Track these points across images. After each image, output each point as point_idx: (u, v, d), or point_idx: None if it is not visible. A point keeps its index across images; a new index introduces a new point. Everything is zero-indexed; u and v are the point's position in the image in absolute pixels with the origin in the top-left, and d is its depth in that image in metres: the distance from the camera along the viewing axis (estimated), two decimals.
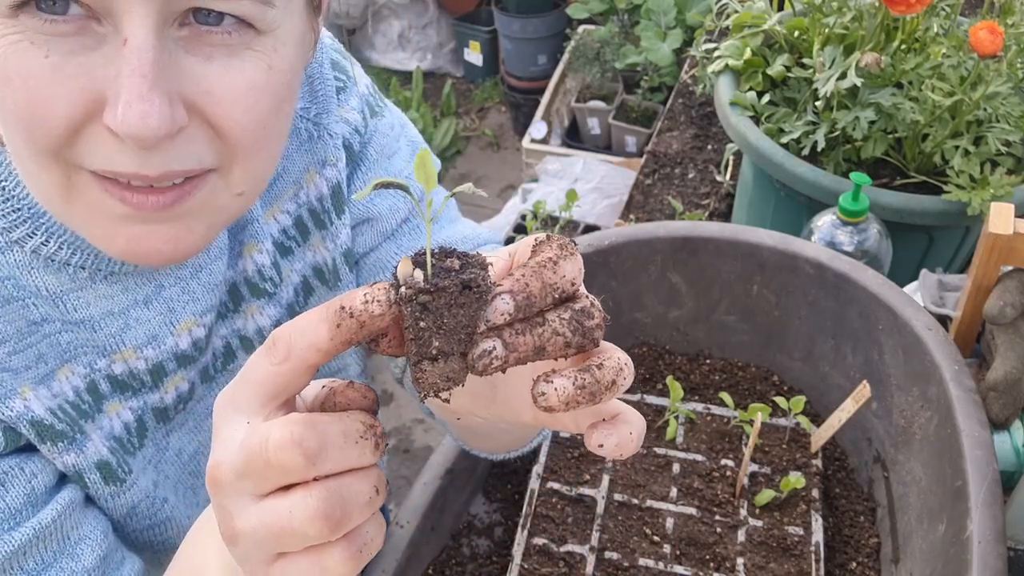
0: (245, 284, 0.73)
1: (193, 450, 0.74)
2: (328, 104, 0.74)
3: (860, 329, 0.99)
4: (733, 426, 1.02)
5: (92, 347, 0.64)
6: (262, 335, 0.75)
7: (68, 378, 0.63)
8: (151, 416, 0.69)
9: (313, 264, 0.77)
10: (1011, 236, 0.90)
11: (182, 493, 0.74)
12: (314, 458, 0.40)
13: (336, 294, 0.75)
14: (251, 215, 0.72)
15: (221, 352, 0.74)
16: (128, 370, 0.66)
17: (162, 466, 0.72)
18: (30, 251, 0.60)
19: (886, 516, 0.93)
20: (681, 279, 1.07)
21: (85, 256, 0.62)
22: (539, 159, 2.95)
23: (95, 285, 0.63)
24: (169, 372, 0.69)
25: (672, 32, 2.81)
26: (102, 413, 0.66)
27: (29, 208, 0.59)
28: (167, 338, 0.67)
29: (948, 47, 1.21)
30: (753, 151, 1.27)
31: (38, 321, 0.61)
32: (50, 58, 0.47)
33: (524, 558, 0.88)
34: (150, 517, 0.69)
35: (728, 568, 0.88)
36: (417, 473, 0.92)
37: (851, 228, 1.15)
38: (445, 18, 3.98)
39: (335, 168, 0.75)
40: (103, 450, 0.65)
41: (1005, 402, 0.92)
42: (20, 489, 0.60)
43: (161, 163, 0.51)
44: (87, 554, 0.63)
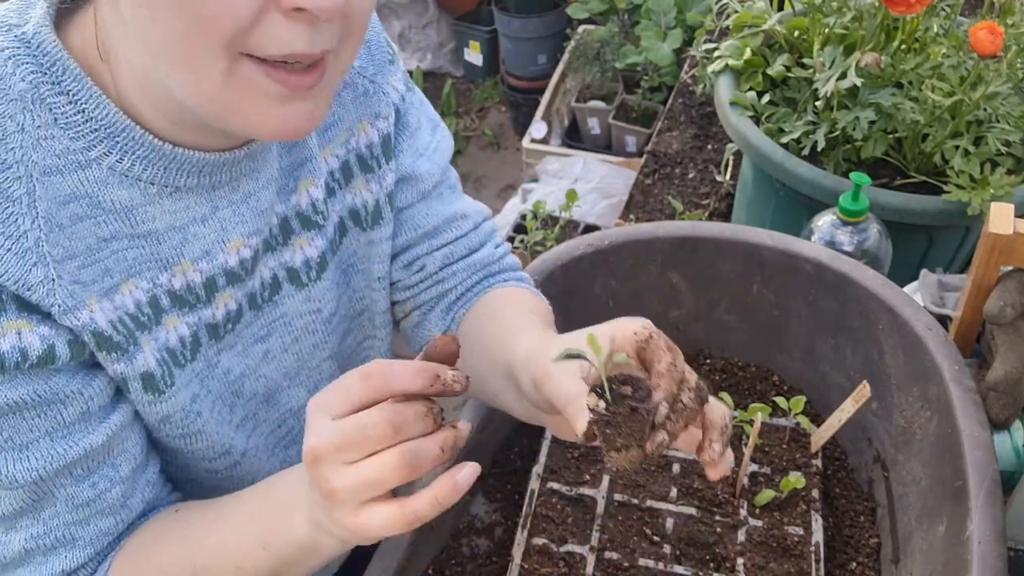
0: (297, 217, 0.80)
1: (239, 372, 0.81)
2: (383, 68, 0.85)
3: (860, 329, 0.99)
4: (733, 426, 1.02)
5: (155, 261, 0.71)
6: (308, 266, 0.82)
7: (131, 292, 0.70)
8: (204, 332, 0.76)
9: (351, 206, 0.85)
10: (1011, 236, 0.90)
11: (218, 409, 0.79)
12: (399, 429, 0.58)
13: (370, 235, 0.86)
14: (310, 152, 0.80)
15: (269, 283, 0.80)
16: (186, 284, 0.73)
17: (208, 381, 0.78)
18: (107, 168, 0.66)
19: (886, 516, 0.93)
20: (681, 279, 1.07)
21: (156, 171, 0.68)
22: (539, 159, 2.95)
23: (162, 201, 0.70)
24: (220, 288, 0.76)
25: (672, 32, 2.81)
26: (160, 326, 0.72)
27: (107, 128, 0.65)
28: (219, 254, 0.74)
29: (948, 47, 1.21)
30: (753, 151, 1.27)
31: (107, 237, 0.67)
32: None
33: (524, 558, 0.88)
34: (182, 427, 0.76)
35: (728, 568, 0.88)
36: None
37: (851, 228, 1.15)
38: (445, 18, 3.98)
39: (387, 121, 0.85)
40: (151, 362, 0.71)
41: (1005, 402, 0.92)
42: (77, 408, 0.67)
43: (320, 42, 0.60)
44: (124, 465, 0.72)
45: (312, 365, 0.87)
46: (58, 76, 0.64)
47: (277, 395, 0.86)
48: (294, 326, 0.84)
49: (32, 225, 0.63)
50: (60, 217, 0.65)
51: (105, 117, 0.65)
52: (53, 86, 0.64)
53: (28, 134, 0.63)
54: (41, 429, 0.66)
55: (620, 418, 0.59)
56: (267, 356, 0.83)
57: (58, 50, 0.64)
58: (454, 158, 4.19)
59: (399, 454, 0.57)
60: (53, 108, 0.64)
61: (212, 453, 0.80)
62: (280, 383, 0.86)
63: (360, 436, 0.57)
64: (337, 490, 0.58)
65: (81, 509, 0.70)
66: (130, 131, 0.66)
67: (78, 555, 0.71)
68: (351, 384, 0.59)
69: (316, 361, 0.88)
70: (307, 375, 0.88)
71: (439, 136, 0.92)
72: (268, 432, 0.87)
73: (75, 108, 0.64)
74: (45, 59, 0.64)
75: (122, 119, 0.65)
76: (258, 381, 0.83)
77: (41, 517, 0.68)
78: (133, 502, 0.74)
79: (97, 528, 0.71)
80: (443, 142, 0.93)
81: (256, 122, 0.63)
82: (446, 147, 0.93)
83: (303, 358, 0.86)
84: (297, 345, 0.85)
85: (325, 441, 0.58)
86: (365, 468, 0.58)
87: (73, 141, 0.65)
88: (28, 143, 0.63)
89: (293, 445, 0.91)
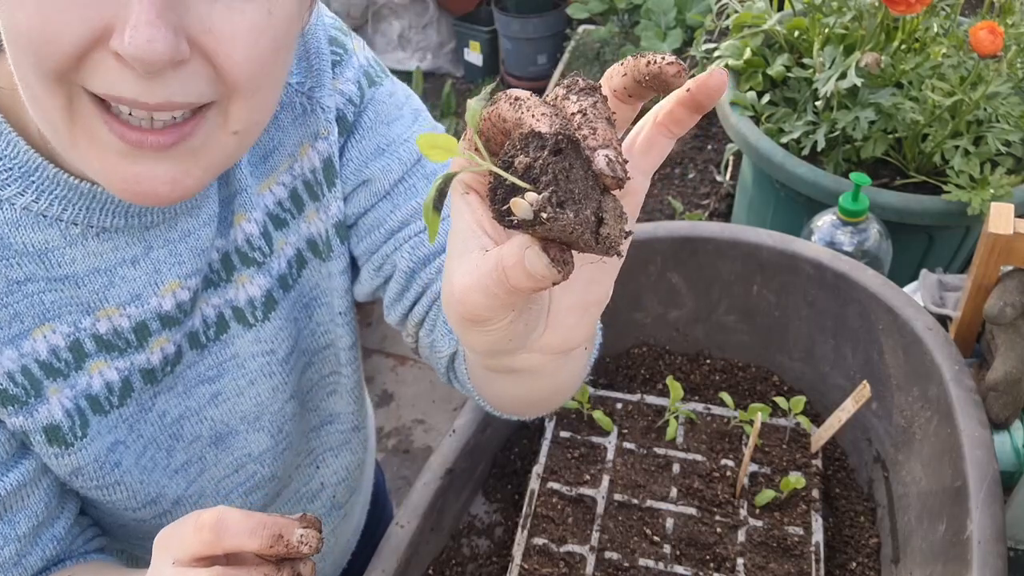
0: (236, 253, 0.75)
1: (178, 414, 0.76)
2: (322, 78, 0.76)
3: (860, 329, 0.99)
4: (733, 426, 1.02)
5: (76, 304, 0.66)
6: (253, 305, 0.76)
7: (46, 336, 0.65)
8: (138, 377, 0.71)
9: (307, 236, 0.79)
10: (1011, 236, 0.90)
11: (151, 455, 0.75)
12: None
13: (328, 267, 0.79)
14: (242, 184, 0.73)
15: (214, 321, 0.75)
16: (112, 328, 0.68)
17: (139, 426, 0.73)
18: (20, 208, 0.62)
19: (886, 516, 0.93)
20: (681, 279, 1.07)
21: (77, 211, 0.63)
22: None
23: (86, 242, 0.65)
24: (153, 332, 0.70)
25: (672, 32, 2.81)
26: (82, 371, 0.68)
27: (20, 167, 0.61)
28: (151, 298, 0.69)
29: (948, 47, 1.21)
30: (753, 151, 1.27)
31: (20, 280, 0.63)
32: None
33: (524, 558, 0.88)
34: (97, 479, 0.72)
35: (728, 568, 0.88)
36: (417, 473, 0.92)
37: (851, 228, 1.15)
38: (445, 18, 3.98)
39: (327, 141, 0.77)
40: (57, 413, 0.67)
41: (1005, 402, 0.92)
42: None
43: (162, 93, 0.53)
44: (23, 523, 0.68)
45: (274, 409, 0.82)
46: None
47: (229, 439, 0.81)
48: (248, 368, 0.78)
49: None
50: None
51: (17, 156, 0.61)
52: None
53: None
54: None
55: (552, 170, 0.39)
56: (217, 398, 0.78)
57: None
58: None
59: None
60: None
61: (135, 503, 0.76)
62: (236, 426, 0.81)
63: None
64: None
65: None
66: (43, 170, 0.61)
67: None
68: (185, 531, 0.56)
69: (278, 404, 0.82)
70: (269, 419, 0.82)
71: (418, 126, 0.82)
72: (220, 477, 0.82)
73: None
74: None
75: (35, 157, 0.61)
76: (202, 424, 0.78)
77: None
78: (31, 560, 0.70)
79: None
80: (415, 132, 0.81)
81: (103, 177, 0.57)
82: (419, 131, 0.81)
83: (262, 402, 0.81)
84: (254, 388, 0.80)
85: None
86: None
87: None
88: None
89: (256, 490, 0.86)
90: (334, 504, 0.97)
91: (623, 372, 1.10)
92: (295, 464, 0.90)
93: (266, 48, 0.55)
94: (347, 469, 0.96)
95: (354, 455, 0.96)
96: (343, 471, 0.95)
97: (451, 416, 2.75)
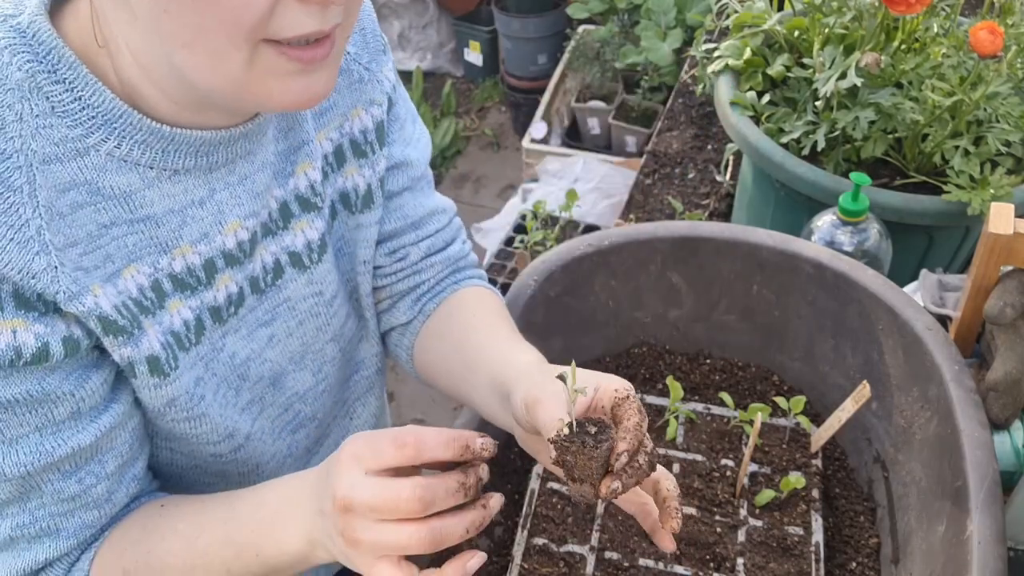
0: (296, 201, 0.82)
1: (245, 356, 0.83)
2: (377, 56, 0.87)
3: (860, 329, 0.99)
4: (733, 426, 1.02)
5: (155, 245, 0.72)
6: (310, 248, 0.84)
7: (133, 276, 0.71)
8: (208, 315, 0.78)
9: (342, 190, 0.87)
10: (1011, 236, 0.90)
11: (223, 392, 0.81)
12: (428, 507, 0.62)
13: (358, 219, 0.89)
14: (307, 135, 0.82)
15: (271, 267, 0.82)
16: (186, 266, 0.75)
17: (213, 365, 0.80)
18: (105, 154, 0.67)
19: (886, 516, 0.93)
20: (681, 279, 1.07)
21: (154, 154, 0.69)
22: (539, 159, 2.95)
23: (161, 184, 0.71)
24: (219, 269, 0.77)
25: (672, 32, 2.81)
26: (163, 310, 0.74)
27: (104, 115, 0.66)
28: (216, 236, 0.76)
29: (948, 47, 1.21)
30: (753, 151, 1.27)
31: (107, 224, 0.69)
32: None
33: (524, 558, 0.88)
34: (187, 410, 0.77)
35: (728, 568, 0.88)
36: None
37: (851, 228, 1.15)
38: (445, 18, 3.98)
39: (381, 108, 0.88)
40: (156, 345, 0.73)
41: (1005, 402, 0.92)
42: (68, 408, 0.69)
43: (330, 19, 0.62)
44: (111, 462, 0.74)
45: (316, 348, 0.90)
46: (54, 65, 0.64)
47: (283, 379, 0.88)
48: (298, 310, 0.86)
49: (33, 214, 0.63)
50: (60, 205, 0.65)
51: (102, 104, 0.66)
52: (49, 75, 0.64)
53: (26, 123, 0.64)
54: (31, 425, 0.67)
55: (578, 449, 0.63)
56: (272, 340, 0.85)
57: (53, 39, 0.64)
58: (454, 158, 4.17)
59: (427, 531, 0.63)
60: (50, 96, 0.64)
61: (216, 436, 0.81)
62: (285, 367, 0.87)
63: (391, 504, 0.62)
64: (362, 542, 0.63)
65: (67, 503, 0.72)
66: (127, 116, 0.67)
67: (61, 545, 0.73)
68: (384, 447, 0.63)
69: (320, 344, 0.90)
70: (311, 359, 0.90)
71: (419, 129, 0.96)
72: (275, 416, 0.89)
73: (72, 96, 0.65)
74: (41, 48, 0.64)
75: (119, 105, 0.66)
76: (264, 365, 0.85)
77: (28, 507, 0.71)
78: (118, 496, 0.76)
79: (81, 520, 0.74)
80: (423, 135, 0.96)
81: (278, 96, 0.65)
82: (426, 140, 0.96)
83: (307, 342, 0.88)
84: (301, 329, 0.87)
85: (359, 497, 0.62)
86: (392, 532, 0.63)
87: (71, 129, 0.65)
88: (27, 132, 0.64)
89: (300, 429, 0.93)
90: None
91: (623, 372, 1.10)
92: (332, 414, 0.97)
93: None
94: (375, 416, 1.06)
95: (378, 400, 1.06)
96: (372, 418, 1.06)
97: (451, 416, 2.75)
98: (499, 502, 0.67)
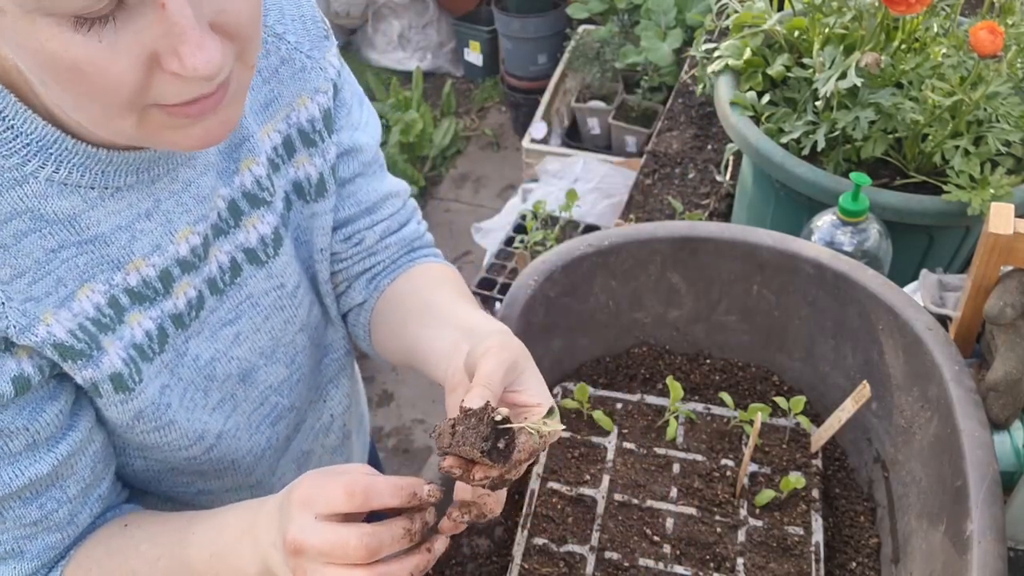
0: (244, 198, 0.82)
1: (210, 357, 0.83)
2: (319, 43, 0.86)
3: (860, 329, 0.99)
4: (733, 426, 1.02)
5: (107, 262, 0.72)
6: (264, 243, 0.84)
7: (88, 296, 0.71)
8: (170, 323, 0.78)
9: (294, 180, 0.87)
10: (1011, 236, 0.90)
11: (191, 396, 0.82)
12: (374, 554, 0.63)
13: (312, 207, 0.89)
14: (249, 131, 0.81)
15: (228, 267, 0.83)
16: (141, 279, 0.74)
17: (178, 370, 0.80)
18: (44, 180, 0.66)
19: (886, 516, 0.93)
20: (681, 279, 1.07)
21: (94, 176, 0.69)
22: (539, 159, 2.95)
23: (104, 203, 0.70)
24: (175, 278, 0.77)
25: (672, 32, 2.81)
26: (123, 324, 0.74)
27: (38, 141, 0.65)
28: (168, 246, 0.76)
29: (948, 47, 1.21)
30: (753, 151, 1.27)
31: (55, 248, 0.68)
32: (104, 41, 0.55)
33: (524, 558, 0.88)
34: (154, 420, 0.78)
35: (728, 568, 0.88)
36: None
37: (851, 228, 1.15)
38: (445, 18, 3.98)
39: (326, 95, 0.87)
40: (117, 362, 0.73)
41: (1005, 402, 0.92)
42: (22, 441, 0.69)
43: (216, 80, 0.60)
44: (72, 487, 0.75)
45: (286, 340, 0.91)
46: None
47: (253, 374, 0.88)
48: (262, 305, 0.86)
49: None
50: (3, 237, 0.65)
51: (35, 131, 0.65)
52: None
53: None
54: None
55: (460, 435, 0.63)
56: (238, 338, 0.85)
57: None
58: (454, 158, 4.16)
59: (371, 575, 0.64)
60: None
61: (186, 441, 0.82)
62: (255, 362, 0.88)
63: (340, 551, 0.63)
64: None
65: (29, 527, 0.73)
66: (62, 142, 0.66)
67: (25, 567, 0.75)
68: (335, 494, 0.64)
69: (289, 336, 0.91)
70: (283, 351, 0.91)
71: (367, 111, 0.95)
72: (250, 411, 0.90)
73: (4, 125, 0.64)
74: None
75: (51, 131, 0.65)
76: (231, 363, 0.85)
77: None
78: (81, 518, 0.77)
79: (44, 543, 0.75)
80: (372, 117, 0.96)
81: (180, 142, 0.64)
82: (375, 123, 0.96)
83: (276, 335, 0.89)
84: (268, 323, 0.88)
85: (309, 541, 0.64)
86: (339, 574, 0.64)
87: (6, 158, 0.64)
88: None
89: (280, 420, 0.94)
90: (344, 433, 1.09)
91: (623, 372, 1.10)
92: (308, 399, 0.98)
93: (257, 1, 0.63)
94: (348, 396, 1.07)
95: (350, 380, 1.08)
96: (345, 399, 1.07)
97: None
98: (443, 545, 0.68)
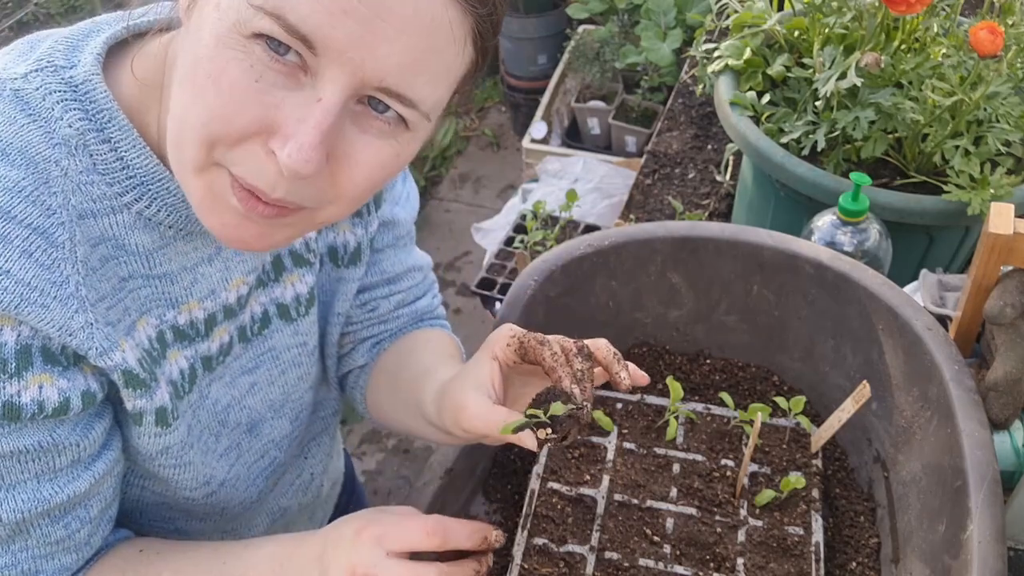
0: (289, 255, 0.85)
1: (226, 403, 0.84)
2: None
3: (860, 329, 0.99)
4: (733, 426, 1.02)
5: (165, 299, 0.74)
6: (298, 301, 0.87)
7: (143, 328, 0.73)
8: (200, 364, 0.79)
9: (331, 244, 0.89)
10: (1011, 236, 0.90)
11: (205, 439, 0.83)
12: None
13: (342, 273, 0.91)
14: None
15: (259, 317, 0.85)
16: (190, 320, 0.76)
17: (199, 412, 0.81)
18: (135, 213, 0.69)
19: (886, 516, 0.93)
20: (681, 279, 1.07)
21: (176, 216, 0.71)
22: (539, 159, 2.95)
23: (176, 243, 0.73)
24: (218, 323, 0.79)
25: (672, 32, 2.81)
26: (165, 360, 0.75)
27: (142, 176, 0.68)
28: (222, 292, 0.78)
29: (948, 47, 1.21)
30: (753, 151, 1.27)
31: (126, 277, 0.70)
32: (259, 83, 0.58)
33: (524, 558, 0.88)
34: (177, 458, 0.79)
35: (728, 568, 0.88)
36: (417, 473, 0.93)
37: (851, 228, 1.15)
38: None
39: None
40: (165, 396, 0.74)
41: (1005, 402, 0.92)
42: (70, 456, 0.69)
43: (283, 192, 0.62)
44: (95, 507, 0.75)
45: (295, 397, 0.92)
46: (103, 124, 0.66)
47: (260, 426, 0.89)
48: (282, 359, 0.88)
49: (72, 270, 0.64)
50: (92, 260, 0.67)
51: (143, 166, 0.68)
52: (98, 134, 0.66)
53: (70, 179, 0.65)
54: (31, 472, 0.68)
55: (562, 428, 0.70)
56: (253, 388, 0.86)
57: (107, 100, 0.66)
58: (454, 158, 4.16)
59: None
60: (94, 155, 0.66)
61: (195, 483, 0.83)
62: (264, 414, 0.89)
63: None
64: None
65: (51, 546, 0.73)
66: (165, 182, 0.69)
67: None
68: (413, 533, 0.68)
69: (300, 392, 0.92)
70: (291, 407, 0.92)
71: (408, 186, 0.97)
72: (251, 462, 0.90)
73: (115, 155, 0.67)
74: (92, 107, 0.66)
75: (160, 170, 0.68)
76: (242, 411, 0.86)
77: (11, 549, 0.71)
78: (95, 540, 0.77)
79: (60, 563, 0.74)
80: (412, 192, 0.97)
81: (208, 219, 0.65)
82: (415, 196, 0.98)
83: (288, 390, 0.90)
84: (284, 377, 0.89)
85: (390, 571, 0.67)
86: None
87: (109, 187, 0.67)
88: (69, 187, 0.65)
89: (272, 475, 0.94)
90: (317, 493, 1.08)
91: None
92: (291, 454, 0.98)
93: (381, 180, 0.65)
94: (327, 455, 1.07)
95: (331, 439, 1.07)
96: (325, 457, 1.06)
97: None
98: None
